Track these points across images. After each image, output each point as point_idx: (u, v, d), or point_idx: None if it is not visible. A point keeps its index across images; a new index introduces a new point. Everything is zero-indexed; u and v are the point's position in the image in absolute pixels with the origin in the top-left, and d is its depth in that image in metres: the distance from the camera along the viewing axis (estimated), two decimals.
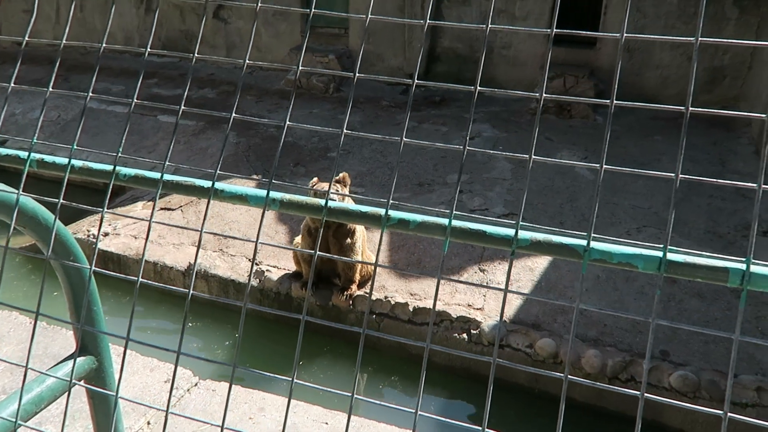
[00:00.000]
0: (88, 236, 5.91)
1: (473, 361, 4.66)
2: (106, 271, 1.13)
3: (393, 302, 4.89)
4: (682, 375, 4.11)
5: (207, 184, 1.11)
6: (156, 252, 5.69)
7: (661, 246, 0.90)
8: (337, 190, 4.63)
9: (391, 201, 1.04)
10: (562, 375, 0.92)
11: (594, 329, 4.58)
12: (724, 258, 0.88)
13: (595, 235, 0.94)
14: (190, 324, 5.30)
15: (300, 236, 5.08)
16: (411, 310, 4.84)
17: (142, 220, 1.12)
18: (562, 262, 5.47)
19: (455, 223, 1.00)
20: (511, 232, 0.97)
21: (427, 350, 0.94)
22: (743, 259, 0.86)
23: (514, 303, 4.91)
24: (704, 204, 6.17)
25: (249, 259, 5.54)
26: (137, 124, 8.40)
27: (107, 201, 1.12)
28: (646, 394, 0.88)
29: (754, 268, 0.85)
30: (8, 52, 11.79)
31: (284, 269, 5.38)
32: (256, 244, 1.04)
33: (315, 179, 4.82)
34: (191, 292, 1.04)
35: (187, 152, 7.75)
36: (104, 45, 1.21)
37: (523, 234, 0.96)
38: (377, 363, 4.83)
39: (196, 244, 5.78)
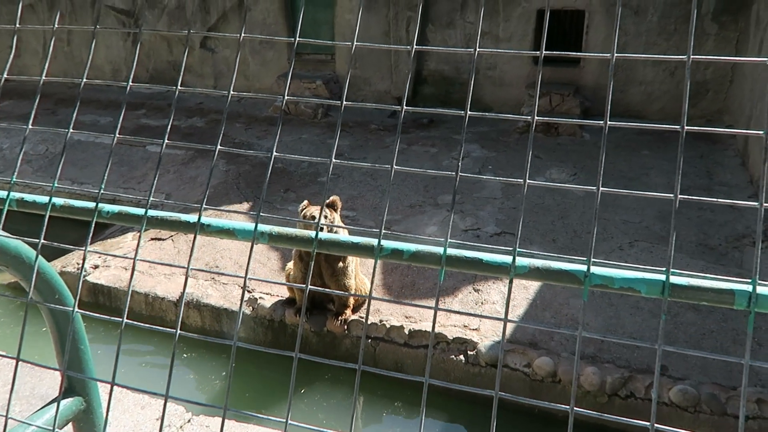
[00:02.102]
0: (78, 269, 5.84)
1: (471, 383, 4.61)
2: (91, 313, 1.10)
3: (388, 326, 4.84)
4: (681, 389, 4.08)
5: (193, 219, 1.09)
6: (147, 283, 5.63)
7: (663, 269, 0.88)
8: (326, 216, 4.62)
9: (383, 231, 1.01)
10: (567, 407, 0.89)
11: (591, 346, 4.55)
12: (728, 279, 0.86)
13: (594, 260, 0.92)
14: (184, 355, 5.21)
15: (292, 262, 5.05)
16: (407, 333, 4.79)
17: (126, 257, 1.09)
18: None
19: (450, 251, 0.98)
20: (508, 259, 0.95)
21: (426, 385, 0.91)
22: (749, 281, 0.84)
23: (509, 322, 4.86)
24: (694, 216, 6.21)
25: (241, 287, 5.49)
26: (126, 155, 8.37)
27: (90, 237, 1.09)
28: (656, 425, 0.85)
29: (760, 290, 0.83)
30: None
31: (277, 296, 5.33)
32: (245, 281, 1.02)
33: (305, 202, 4.79)
34: (178, 332, 1.01)
35: (177, 181, 7.73)
36: (84, 80, 1.20)
37: (521, 261, 0.94)
38: (376, 387, 4.76)
39: (186, 277, 5.72)
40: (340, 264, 4.77)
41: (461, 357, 4.62)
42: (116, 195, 4.64)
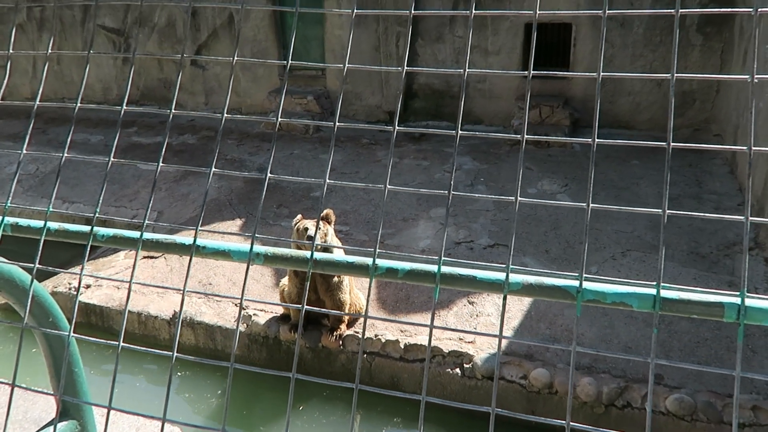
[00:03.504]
0: (70, 289, 5.80)
1: (468, 397, 4.60)
2: (87, 337, 1.09)
3: (384, 340, 4.83)
4: (677, 398, 4.08)
5: (188, 241, 1.09)
6: (140, 301, 5.59)
7: (654, 283, 0.90)
8: (320, 228, 4.60)
9: (378, 250, 1.02)
10: (563, 422, 0.90)
11: (587, 356, 4.56)
12: (718, 292, 0.88)
13: (587, 275, 0.93)
14: (179, 373, 5.17)
15: (287, 277, 5.03)
16: (402, 347, 4.78)
17: (123, 281, 1.09)
18: None
19: (445, 269, 0.99)
20: (501, 276, 0.96)
21: (423, 403, 0.92)
22: (737, 293, 0.86)
23: (506, 333, 4.87)
24: (685, 225, 6.26)
25: (236, 305, 5.47)
26: (118, 173, 8.35)
27: (85, 258, 1.09)
28: None
29: (749, 302, 0.86)
30: None
31: (272, 312, 5.31)
32: (241, 302, 1.02)
33: (299, 216, 4.80)
34: (174, 354, 1.01)
35: (169, 199, 7.71)
36: (78, 105, 1.21)
37: (514, 277, 0.95)
38: (375, 403, 4.74)
39: (182, 298, 5.69)
40: (335, 279, 4.76)
41: (457, 370, 4.61)
42: (108, 213, 4.63)
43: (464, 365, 4.61)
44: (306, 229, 4.50)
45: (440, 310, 5.17)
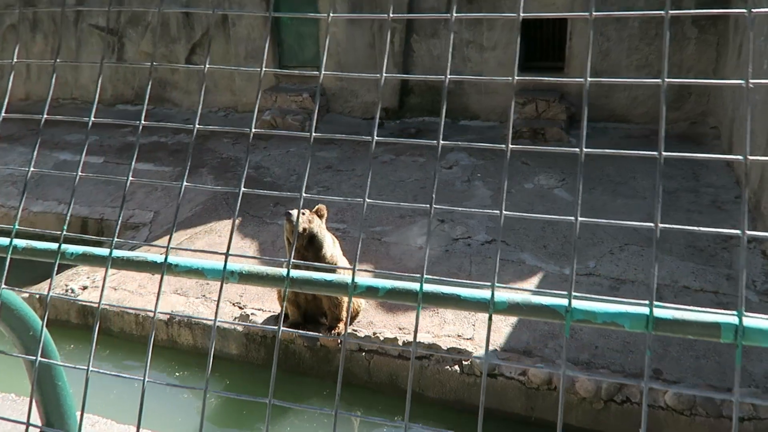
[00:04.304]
0: (66, 291, 5.77)
1: (466, 394, 4.59)
2: (52, 361, 1.07)
3: (382, 338, 4.82)
4: (677, 393, 4.08)
5: (159, 259, 1.05)
6: (137, 302, 5.57)
7: (647, 302, 0.87)
8: (303, 213, 4.57)
9: (358, 268, 0.98)
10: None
11: (586, 352, 4.55)
12: (714, 312, 0.85)
13: (575, 294, 0.89)
14: (177, 374, 5.16)
15: None
16: (401, 344, 4.77)
17: (92, 303, 1.07)
18: (547, 289, 5.46)
19: (427, 287, 0.96)
20: (486, 294, 0.93)
21: (407, 421, 0.90)
22: (734, 312, 0.82)
23: (503, 330, 4.87)
24: (683, 219, 6.25)
25: (233, 304, 5.45)
26: (113, 173, 8.32)
27: (54, 274, 1.06)
28: None
29: (747, 322, 0.82)
30: None
31: (269, 311, 5.29)
32: (214, 324, 1.00)
33: (292, 210, 4.76)
34: (146, 379, 0.99)
35: (165, 198, 7.68)
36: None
37: (500, 296, 0.92)
38: (375, 402, 4.73)
39: (179, 293, 5.67)
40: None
41: (456, 367, 4.61)
42: (104, 214, 4.60)
43: (463, 362, 4.61)
44: (290, 215, 4.42)
45: (437, 308, 5.16)
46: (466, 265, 5.79)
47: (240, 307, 5.39)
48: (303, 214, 4.58)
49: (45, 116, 1.14)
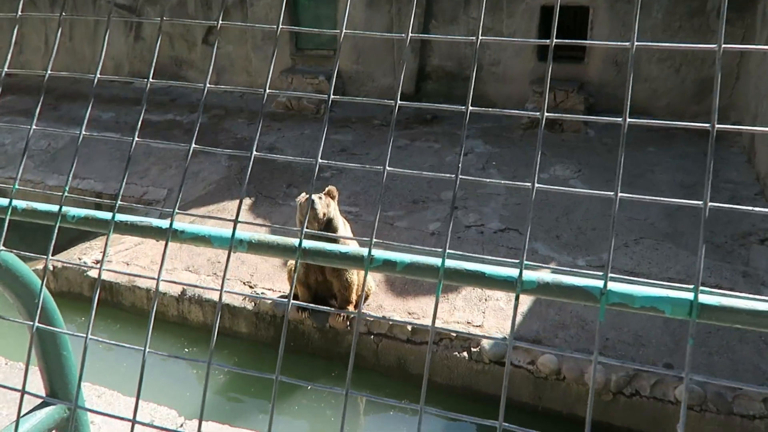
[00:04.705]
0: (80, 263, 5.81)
1: (474, 380, 4.58)
2: (50, 328, 1.06)
3: (391, 322, 4.81)
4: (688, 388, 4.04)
5: (164, 224, 0.99)
6: (148, 278, 5.60)
7: (691, 287, 0.76)
8: (321, 199, 4.56)
9: (374, 240, 0.90)
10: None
11: (612, 360, 4.51)
12: (764, 300, 0.75)
13: (612, 275, 0.80)
14: (186, 350, 5.19)
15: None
16: (410, 329, 4.76)
17: (91, 267, 1.03)
18: None
19: (450, 263, 0.87)
20: (514, 272, 0.84)
21: (421, 413, 0.87)
22: None
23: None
24: (699, 213, 6.15)
25: (244, 283, 5.46)
26: (127, 150, 8.34)
27: (53, 241, 1.03)
28: None
29: None
30: None
31: (279, 291, 5.30)
32: (221, 293, 0.95)
33: (303, 194, 4.79)
34: (147, 349, 0.97)
35: (178, 177, 7.69)
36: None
37: (529, 275, 0.83)
38: (383, 385, 4.73)
39: (191, 270, 5.69)
40: None
41: (465, 354, 4.59)
42: (117, 190, 4.61)
43: (472, 349, 4.59)
44: (312, 201, 4.46)
45: (449, 293, 5.14)
46: (478, 252, 5.75)
47: (251, 287, 5.40)
48: (320, 198, 4.56)
49: (49, 72, 1.10)
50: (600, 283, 0.82)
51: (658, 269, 5.34)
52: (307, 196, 4.65)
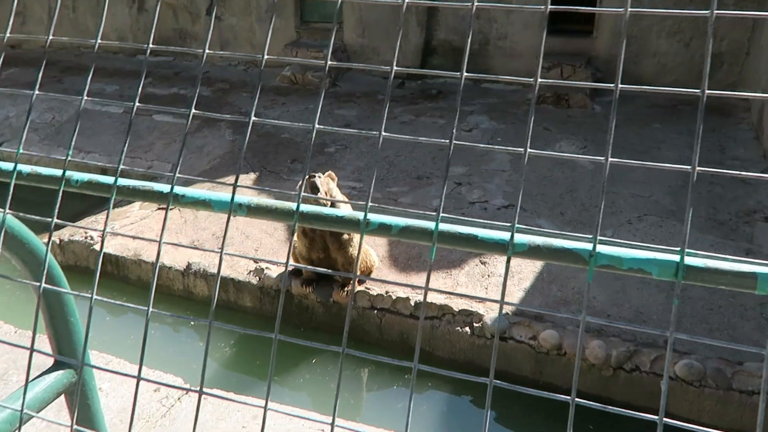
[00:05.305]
0: (86, 238, 5.86)
1: (476, 355, 4.63)
2: (58, 289, 1.07)
3: (394, 297, 4.85)
4: (687, 364, 4.08)
5: (166, 188, 1.01)
6: (154, 250, 5.65)
7: (678, 249, 0.80)
8: (319, 176, 4.60)
9: (370, 204, 0.92)
10: (568, 398, 0.85)
11: (597, 319, 4.54)
12: (750, 261, 0.79)
13: (601, 238, 0.83)
14: (193, 323, 5.26)
15: (296, 233, 5.05)
16: (412, 304, 4.80)
17: (97, 230, 1.05)
18: None
19: (443, 227, 0.90)
20: (506, 235, 0.87)
21: (415, 370, 0.89)
22: None
23: (516, 294, 4.87)
24: (705, 191, 6.13)
25: (249, 258, 5.50)
26: (133, 124, 8.33)
27: (57, 205, 1.05)
28: (665, 419, 0.81)
29: None
30: None
31: (283, 267, 5.34)
32: (221, 256, 0.97)
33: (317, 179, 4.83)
34: (150, 309, 0.99)
35: (184, 151, 7.70)
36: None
37: (520, 238, 0.86)
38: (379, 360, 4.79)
39: (195, 244, 5.74)
40: (345, 236, 4.76)
41: (467, 329, 4.64)
42: (122, 164, 4.62)
43: (474, 324, 4.63)
44: (310, 180, 4.50)
45: (451, 270, 5.17)
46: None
47: (255, 261, 5.44)
48: (319, 177, 4.59)
49: (51, 37, 1.10)
50: (589, 246, 0.85)
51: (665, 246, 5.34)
52: (318, 178, 4.67)
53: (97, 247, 5.78)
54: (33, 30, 11.98)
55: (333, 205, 4.48)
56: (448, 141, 0.93)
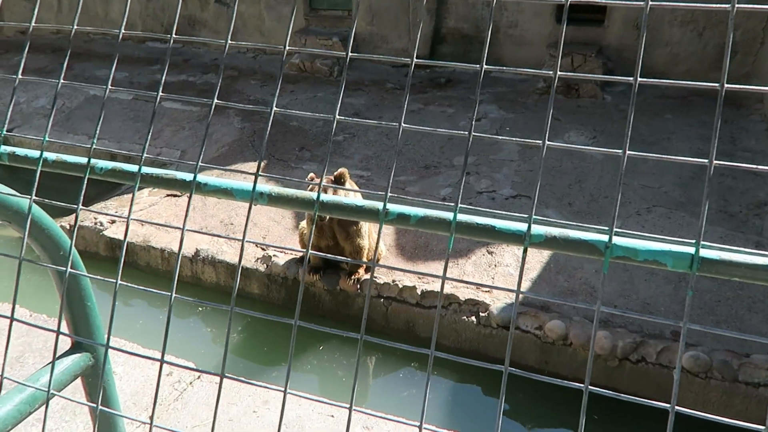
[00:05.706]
0: (95, 224, 5.91)
1: (482, 344, 4.65)
2: (84, 274, 1.09)
3: (401, 286, 4.86)
4: (693, 355, 4.08)
5: (188, 177, 1.03)
6: (163, 238, 5.69)
7: (693, 241, 0.80)
8: (332, 179, 4.61)
9: (389, 194, 0.95)
10: (582, 386, 0.86)
11: (612, 309, 4.54)
12: (764, 254, 0.80)
13: (617, 230, 0.84)
14: (200, 309, 5.30)
15: (305, 222, 5.07)
16: (419, 293, 4.82)
17: (120, 217, 1.07)
18: None
19: (461, 217, 0.92)
20: (523, 227, 0.88)
21: (432, 358, 0.90)
22: None
23: (523, 285, 4.87)
24: (715, 183, 6.09)
25: (256, 245, 5.53)
26: (141, 110, 8.36)
27: (82, 192, 1.07)
28: (677, 408, 0.81)
29: None
30: (11, 42, 11.74)
31: (291, 254, 5.36)
32: (242, 243, 0.99)
33: (311, 175, 4.91)
34: (173, 294, 1.00)
35: (192, 138, 7.72)
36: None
37: (537, 229, 0.88)
38: (387, 347, 4.82)
39: (204, 231, 5.77)
40: (354, 227, 4.77)
41: (473, 318, 4.65)
42: (132, 151, 4.65)
43: (480, 314, 4.64)
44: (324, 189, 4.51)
45: (458, 259, 5.17)
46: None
47: (263, 248, 5.47)
48: (327, 176, 4.61)
49: (76, 27, 1.11)
50: (605, 237, 0.86)
51: (679, 238, 5.32)
52: (315, 178, 4.70)
53: (106, 232, 5.82)
54: (43, 16, 12.00)
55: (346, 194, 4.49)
56: (466, 133, 0.94)
